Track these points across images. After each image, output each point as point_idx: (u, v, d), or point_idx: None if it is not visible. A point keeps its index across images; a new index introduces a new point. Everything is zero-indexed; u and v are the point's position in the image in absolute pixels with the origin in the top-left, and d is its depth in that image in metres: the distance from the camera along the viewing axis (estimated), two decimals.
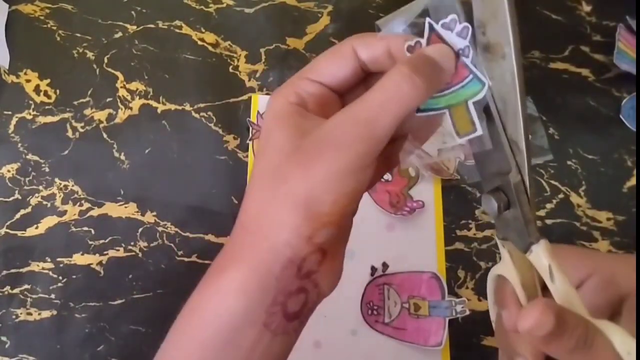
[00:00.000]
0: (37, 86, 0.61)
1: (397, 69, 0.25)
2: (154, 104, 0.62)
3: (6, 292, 0.54)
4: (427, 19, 0.26)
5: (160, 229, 0.58)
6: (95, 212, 0.58)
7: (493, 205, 0.26)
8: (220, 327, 0.25)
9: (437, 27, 0.26)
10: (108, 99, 0.61)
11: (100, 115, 0.61)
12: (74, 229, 0.57)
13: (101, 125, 0.60)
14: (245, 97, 0.63)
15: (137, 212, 0.58)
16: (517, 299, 0.27)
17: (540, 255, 0.26)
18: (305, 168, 0.24)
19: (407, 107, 0.24)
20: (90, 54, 0.62)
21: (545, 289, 0.27)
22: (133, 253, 0.57)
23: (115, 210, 0.58)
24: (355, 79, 0.28)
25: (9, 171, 0.58)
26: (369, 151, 0.24)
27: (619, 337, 0.24)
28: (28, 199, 0.57)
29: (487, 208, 0.27)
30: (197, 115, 0.62)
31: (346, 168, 0.24)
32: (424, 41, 0.26)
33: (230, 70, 0.64)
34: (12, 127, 0.59)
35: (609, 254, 0.32)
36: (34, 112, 0.60)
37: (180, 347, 0.26)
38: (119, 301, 0.55)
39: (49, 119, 0.60)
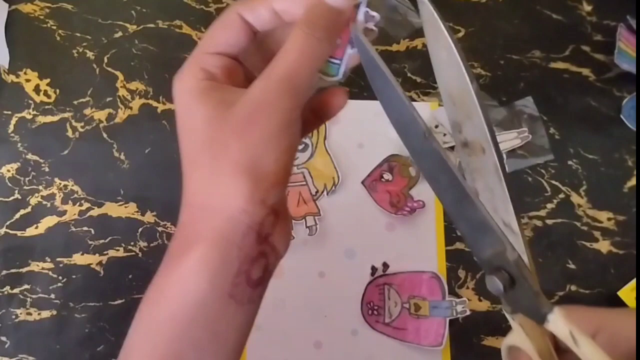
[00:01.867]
0: (37, 86, 0.61)
1: (298, 28, 0.26)
2: (154, 103, 0.61)
3: (6, 292, 0.54)
4: None
5: (160, 229, 0.58)
6: (95, 212, 0.57)
7: (498, 285, 0.27)
8: (185, 304, 0.25)
9: None
10: (108, 99, 0.61)
11: (100, 115, 0.60)
12: (73, 229, 0.57)
13: (101, 125, 0.60)
14: None
15: (137, 212, 0.58)
16: None
17: (559, 323, 0.26)
18: (242, 134, 0.25)
19: (319, 60, 0.27)
20: (90, 54, 0.62)
21: (559, 354, 0.28)
22: (133, 253, 0.57)
23: (115, 210, 0.58)
24: (249, 43, 0.29)
25: (8, 171, 0.58)
26: (295, 105, 0.26)
27: None
28: (28, 199, 0.57)
29: (492, 288, 0.27)
30: None
31: (279, 125, 0.25)
32: None
33: None
34: (12, 126, 0.59)
35: (612, 310, 0.33)
36: (34, 112, 0.60)
37: (149, 328, 0.26)
38: (119, 301, 0.55)
39: (49, 118, 0.60)
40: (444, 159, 0.25)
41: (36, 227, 0.57)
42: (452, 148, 0.61)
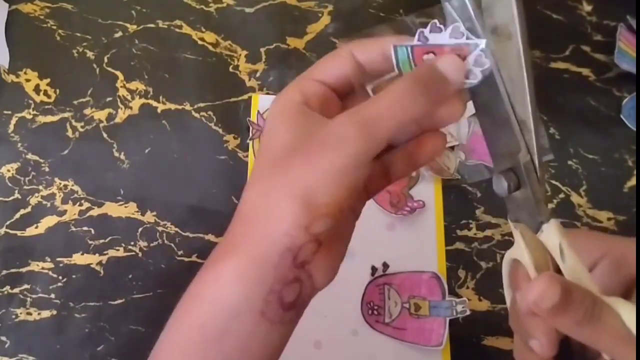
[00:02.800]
0: (37, 86, 0.61)
1: (402, 80, 0.26)
2: (154, 103, 0.62)
3: (6, 292, 0.54)
4: (419, 29, 0.27)
5: (160, 228, 0.58)
6: (95, 211, 0.58)
7: (503, 184, 0.27)
8: (219, 314, 0.25)
9: (426, 32, 0.27)
10: (108, 99, 0.61)
11: (100, 114, 0.60)
12: (73, 229, 0.57)
13: (101, 125, 0.60)
14: (245, 96, 0.63)
15: (137, 212, 0.58)
16: (530, 280, 0.28)
17: (551, 234, 0.26)
18: (308, 160, 0.25)
19: (409, 116, 0.26)
20: (90, 54, 0.62)
21: (558, 271, 0.27)
22: (133, 253, 0.57)
23: (115, 210, 0.58)
24: (353, 82, 0.29)
25: (8, 171, 0.58)
26: (368, 149, 0.25)
27: (628, 311, 0.24)
28: (28, 199, 0.57)
29: (498, 188, 0.27)
30: (197, 115, 0.62)
31: (346, 164, 0.25)
32: (415, 42, 0.27)
33: (231, 69, 0.64)
34: (12, 126, 0.59)
35: (620, 237, 0.32)
36: (34, 112, 0.60)
37: (180, 334, 0.27)
38: (119, 301, 0.55)
39: (49, 118, 0.60)
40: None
41: (36, 227, 0.57)
42: (452, 148, 0.61)
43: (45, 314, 0.54)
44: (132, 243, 0.57)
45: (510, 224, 0.29)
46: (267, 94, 0.63)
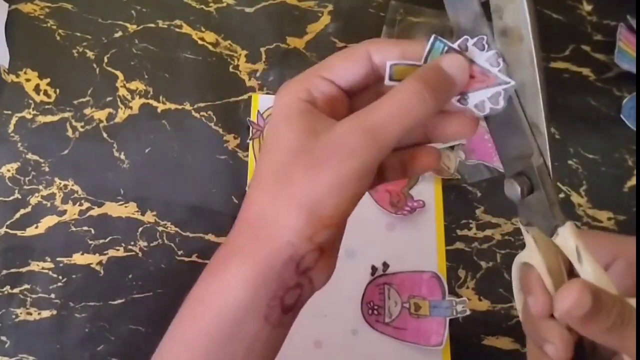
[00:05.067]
0: (37, 85, 0.61)
1: (408, 81, 0.25)
2: (154, 103, 0.61)
3: (6, 292, 0.54)
4: (465, 36, 0.26)
5: (160, 228, 0.58)
6: (95, 211, 0.57)
7: (516, 189, 0.26)
8: (225, 317, 0.25)
9: (470, 42, 0.26)
10: (108, 99, 0.61)
11: (100, 114, 0.60)
12: (73, 229, 0.57)
13: (101, 125, 0.60)
14: (245, 96, 0.63)
15: (137, 211, 0.58)
16: (543, 284, 0.27)
17: (567, 237, 0.26)
18: (312, 172, 0.25)
19: (415, 120, 0.25)
20: (90, 53, 0.62)
21: (571, 275, 0.27)
22: (133, 253, 0.57)
23: (115, 210, 0.58)
24: (366, 83, 0.28)
25: (8, 171, 0.58)
26: (374, 159, 0.25)
27: None
28: (28, 199, 0.57)
29: (510, 193, 0.27)
30: (197, 115, 0.62)
31: (351, 175, 0.25)
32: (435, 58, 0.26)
33: (231, 69, 0.64)
34: (12, 126, 0.59)
35: (632, 238, 0.32)
36: (34, 112, 0.60)
37: (185, 336, 0.27)
38: (119, 301, 0.55)
39: (49, 118, 0.60)
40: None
41: (36, 227, 0.57)
42: (452, 148, 0.61)
43: (45, 314, 0.54)
44: (132, 243, 0.57)
45: (521, 228, 0.28)
46: (267, 93, 0.63)
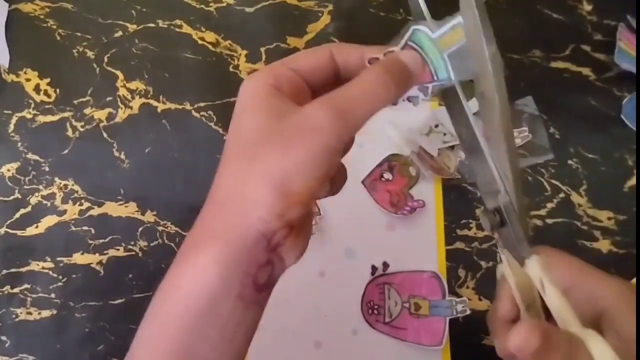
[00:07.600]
0: (37, 85, 0.61)
1: (373, 69, 0.28)
2: (154, 103, 0.62)
3: (6, 292, 0.54)
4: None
5: (160, 228, 0.58)
6: (95, 211, 0.58)
7: (487, 224, 0.30)
8: (198, 298, 0.26)
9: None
10: (108, 98, 0.61)
11: (100, 114, 0.61)
12: (74, 229, 0.57)
13: (101, 125, 0.60)
14: None
15: (137, 211, 0.58)
16: (512, 295, 0.32)
17: (533, 269, 0.29)
18: (282, 150, 0.26)
19: (379, 104, 0.27)
20: (90, 53, 0.62)
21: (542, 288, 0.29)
22: (133, 252, 0.57)
23: (115, 209, 0.58)
24: (327, 78, 0.30)
25: (9, 170, 0.58)
26: (342, 137, 0.26)
27: (599, 348, 0.26)
28: (28, 199, 0.57)
29: (483, 225, 0.30)
30: (197, 115, 0.62)
31: (321, 151, 0.26)
32: (397, 49, 0.29)
33: (231, 69, 0.64)
34: (12, 126, 0.59)
35: (595, 271, 0.34)
36: (34, 112, 0.60)
37: (159, 320, 0.27)
38: (119, 301, 0.55)
39: (49, 118, 0.60)
40: (466, 113, 0.29)
41: (36, 227, 0.57)
42: (452, 147, 0.61)
43: (46, 313, 0.54)
44: (132, 243, 0.57)
45: (499, 249, 0.32)
46: None
